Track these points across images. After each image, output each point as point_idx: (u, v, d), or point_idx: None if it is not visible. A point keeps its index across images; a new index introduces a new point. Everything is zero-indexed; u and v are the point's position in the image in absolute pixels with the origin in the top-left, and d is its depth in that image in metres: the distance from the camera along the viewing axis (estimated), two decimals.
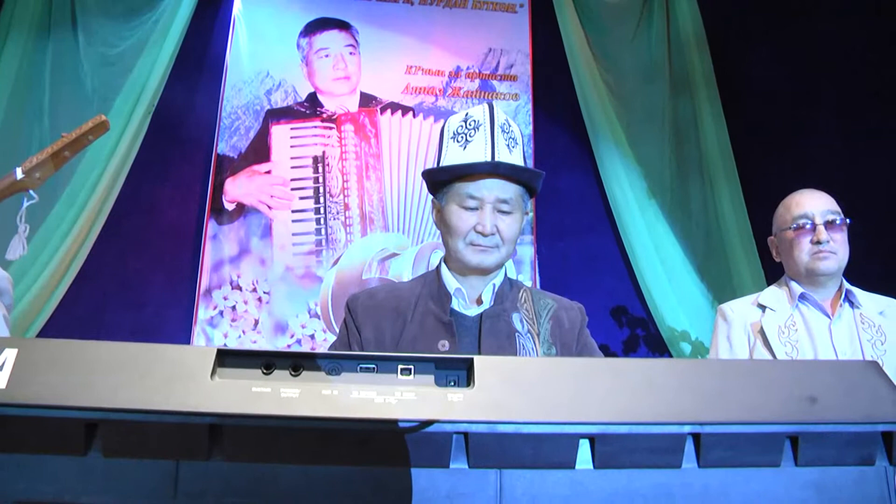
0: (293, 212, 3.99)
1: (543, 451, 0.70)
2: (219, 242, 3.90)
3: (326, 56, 4.20)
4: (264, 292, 3.87)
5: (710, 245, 4.13)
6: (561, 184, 4.26)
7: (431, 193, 1.54)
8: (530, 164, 4.16)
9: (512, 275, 3.91)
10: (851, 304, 1.91)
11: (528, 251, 4.06)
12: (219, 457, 0.72)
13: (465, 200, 1.43)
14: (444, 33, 4.33)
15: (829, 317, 1.90)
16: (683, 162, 4.27)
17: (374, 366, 0.75)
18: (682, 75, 4.32)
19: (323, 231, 3.98)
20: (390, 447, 0.70)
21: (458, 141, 1.45)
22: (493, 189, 1.41)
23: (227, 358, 0.76)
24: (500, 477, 0.70)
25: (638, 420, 0.70)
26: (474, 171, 1.41)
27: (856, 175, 3.48)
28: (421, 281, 1.55)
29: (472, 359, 0.73)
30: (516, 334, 1.43)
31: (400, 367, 0.75)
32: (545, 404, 0.70)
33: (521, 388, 0.71)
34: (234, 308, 3.83)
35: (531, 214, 4.10)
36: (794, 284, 1.97)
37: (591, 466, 0.71)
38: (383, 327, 1.45)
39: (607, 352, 4.05)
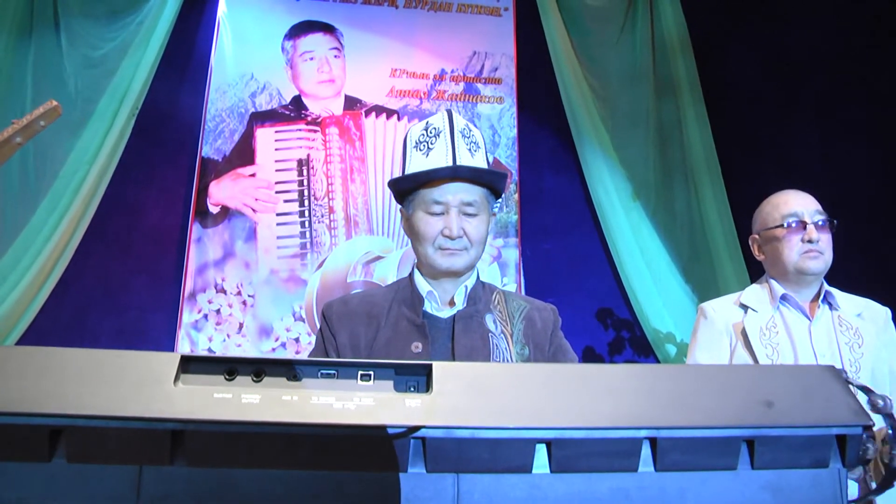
0: (278, 215, 3.98)
1: (500, 455, 0.71)
2: (203, 246, 3.89)
3: (311, 59, 4.20)
4: (249, 295, 3.86)
5: (695, 247, 4.16)
6: (546, 186, 4.28)
7: (398, 202, 1.56)
8: (514, 166, 4.22)
9: (497, 277, 3.97)
10: (830, 305, 1.92)
11: (512, 253, 4.08)
12: (181, 462, 0.72)
13: (430, 206, 1.45)
14: (429, 36, 4.33)
15: (808, 318, 1.90)
16: (668, 164, 4.30)
17: (334, 371, 0.76)
18: (666, 78, 4.34)
19: (308, 234, 3.98)
20: (349, 452, 0.71)
21: (420, 149, 1.48)
22: (457, 193, 1.44)
23: (191, 364, 0.77)
24: (457, 481, 0.71)
25: (593, 425, 0.71)
26: (437, 177, 1.44)
27: (838, 175, 3.52)
28: (394, 287, 1.58)
29: (430, 365, 0.74)
30: (490, 335, 1.45)
31: (360, 372, 0.76)
32: (502, 409, 0.71)
33: (478, 393, 0.72)
34: (218, 311, 3.82)
35: (509, 215, 4.12)
36: (775, 284, 1.96)
37: (547, 470, 0.72)
38: (358, 333, 1.47)
39: (592, 353, 4.07)
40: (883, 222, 3.33)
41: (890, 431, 1.38)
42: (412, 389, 0.75)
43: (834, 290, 1.95)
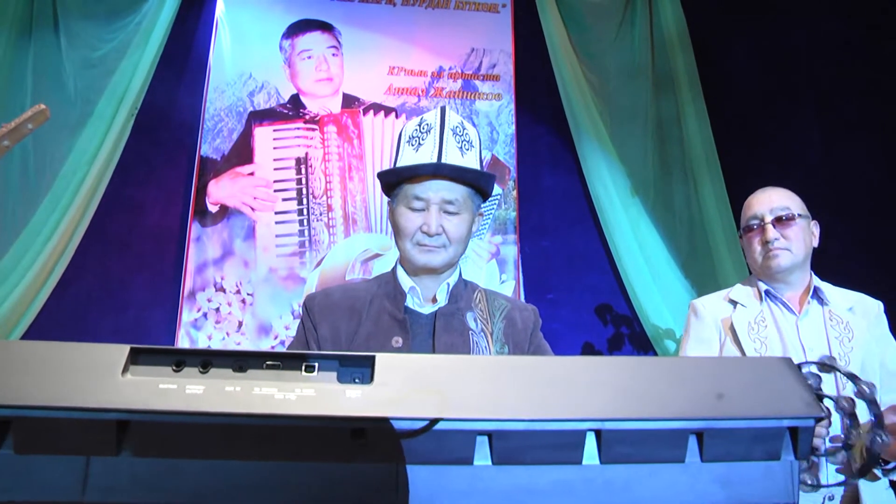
0: (276, 213, 3.99)
1: (441, 447, 0.70)
2: (202, 244, 3.91)
3: (309, 57, 4.21)
4: (248, 294, 3.88)
5: (694, 242, 4.13)
6: (544, 182, 4.26)
7: (386, 195, 1.57)
8: (512, 163, 4.20)
9: (496, 274, 3.96)
10: (820, 300, 1.91)
11: (511, 250, 4.07)
12: (127, 452, 0.73)
13: (411, 202, 1.46)
14: (427, 34, 4.33)
15: (795, 313, 1.89)
16: (666, 160, 4.27)
17: (279, 363, 0.76)
18: (665, 74, 4.32)
19: (306, 232, 3.99)
20: (290, 442, 0.71)
21: (411, 144, 1.49)
22: (438, 190, 1.44)
23: (140, 356, 0.77)
24: (398, 472, 0.71)
25: (536, 417, 0.70)
26: (419, 173, 1.44)
27: (839, 171, 3.48)
28: (377, 281, 1.58)
29: (374, 356, 0.74)
30: (470, 332, 1.45)
31: (304, 364, 0.75)
32: (444, 401, 0.70)
33: (420, 384, 0.72)
34: (217, 310, 3.84)
35: (508, 212, 4.10)
36: (759, 281, 1.98)
37: (489, 462, 0.71)
38: (339, 325, 1.48)
39: (592, 350, 4.05)
40: (884, 217, 3.30)
41: (872, 418, 1.38)
42: (356, 381, 0.75)
43: (824, 285, 1.94)
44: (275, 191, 4.01)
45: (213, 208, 3.96)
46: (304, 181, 4.03)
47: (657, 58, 4.36)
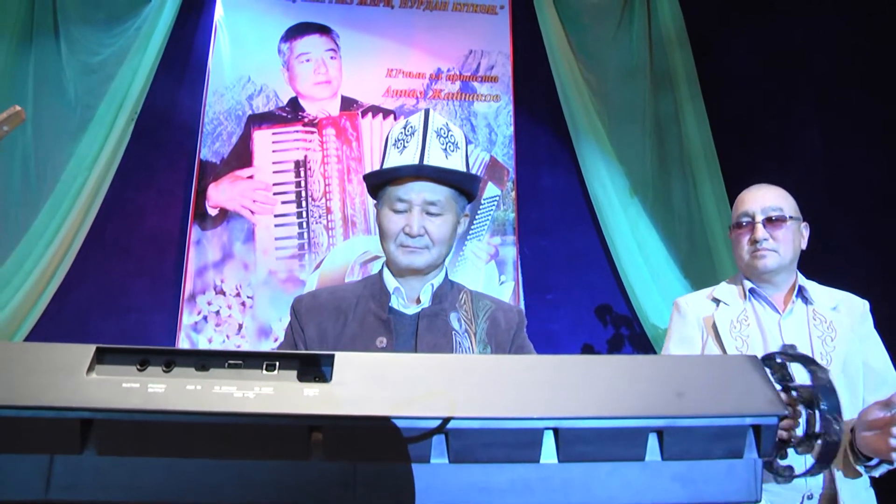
0: (276, 216, 4.01)
1: (398, 444, 0.70)
2: (202, 248, 3.93)
3: (307, 61, 4.22)
4: (248, 297, 3.89)
5: (694, 241, 4.12)
6: (543, 183, 4.26)
7: (372, 198, 1.59)
8: (511, 164, 4.20)
9: (495, 275, 3.96)
10: (805, 299, 1.89)
11: (510, 251, 4.07)
12: (91, 451, 0.73)
13: (394, 203, 1.47)
14: (425, 36, 4.34)
15: (778, 312, 1.88)
16: (665, 159, 4.26)
17: (240, 362, 0.77)
18: (664, 73, 4.31)
19: (305, 235, 4.00)
20: (249, 440, 0.71)
21: (397, 147, 1.50)
22: (420, 191, 1.45)
23: (106, 355, 0.78)
24: (355, 470, 0.71)
25: (492, 415, 0.71)
26: (401, 175, 1.45)
27: (839, 168, 3.46)
28: (364, 282, 1.60)
29: (333, 355, 0.75)
30: (453, 333, 1.46)
31: (265, 363, 0.76)
32: (400, 398, 0.71)
33: (378, 383, 0.72)
34: (217, 313, 3.86)
35: (507, 213, 4.10)
36: (744, 280, 1.96)
37: (446, 460, 0.71)
38: (325, 326, 1.49)
39: (591, 351, 4.04)
40: (884, 215, 3.27)
41: (824, 402, 1.37)
42: (315, 379, 0.75)
43: (810, 284, 1.92)
44: (274, 194, 4.03)
45: (212, 212, 3.98)
46: (303, 184, 4.05)
47: (655, 56, 4.35)
